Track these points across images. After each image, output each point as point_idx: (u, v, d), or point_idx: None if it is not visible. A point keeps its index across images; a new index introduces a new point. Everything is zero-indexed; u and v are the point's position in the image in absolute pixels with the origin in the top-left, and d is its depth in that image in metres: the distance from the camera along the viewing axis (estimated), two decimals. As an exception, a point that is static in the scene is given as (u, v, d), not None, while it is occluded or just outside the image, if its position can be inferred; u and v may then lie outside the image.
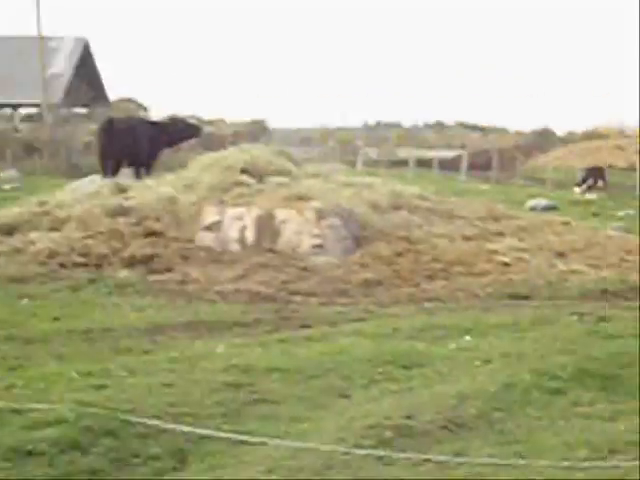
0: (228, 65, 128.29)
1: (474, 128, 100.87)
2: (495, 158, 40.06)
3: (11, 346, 9.25)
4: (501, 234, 15.15)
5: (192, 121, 22.94)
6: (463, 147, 62.33)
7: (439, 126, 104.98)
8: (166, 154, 23.05)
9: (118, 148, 19.33)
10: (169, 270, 13.15)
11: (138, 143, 19.58)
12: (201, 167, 16.81)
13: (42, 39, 51.55)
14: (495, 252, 14.03)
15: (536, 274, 13.09)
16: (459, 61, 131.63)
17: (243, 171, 16.22)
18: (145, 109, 50.68)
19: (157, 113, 39.99)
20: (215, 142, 45.04)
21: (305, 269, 13.33)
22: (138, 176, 18.91)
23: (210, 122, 68.18)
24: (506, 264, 13.57)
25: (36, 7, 50.42)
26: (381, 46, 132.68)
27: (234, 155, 17.07)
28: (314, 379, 8.01)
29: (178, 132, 20.82)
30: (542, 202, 23.75)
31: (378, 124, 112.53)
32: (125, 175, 19.18)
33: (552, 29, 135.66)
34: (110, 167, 19.07)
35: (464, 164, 40.76)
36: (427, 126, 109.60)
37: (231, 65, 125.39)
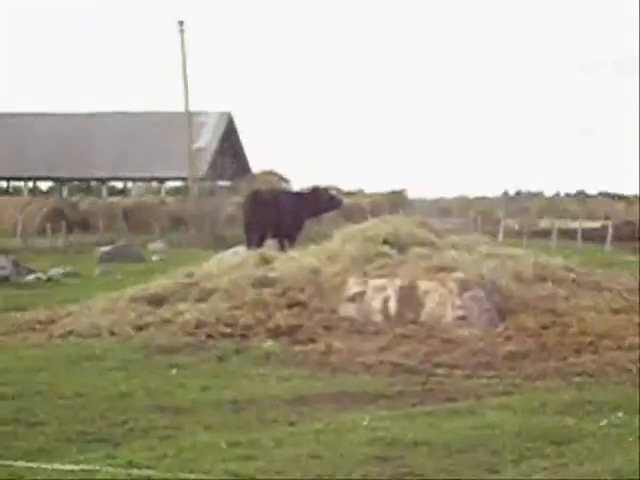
0: (366, 136, 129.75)
1: (618, 198, 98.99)
2: (641, 228, 38.99)
3: (161, 416, 9.45)
4: (651, 307, 14.71)
5: (333, 192, 23.07)
6: (607, 217, 61.07)
7: (581, 195, 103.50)
8: (308, 226, 23.42)
9: (263, 220, 19.73)
10: (313, 341, 13.23)
11: (282, 214, 19.94)
12: (343, 238, 16.94)
13: (190, 114, 53.18)
14: (646, 325, 13.60)
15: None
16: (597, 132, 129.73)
17: (385, 242, 16.27)
18: (287, 181, 51.59)
19: (298, 185, 40.67)
20: (355, 213, 45.48)
21: (448, 341, 13.20)
22: (282, 247, 19.20)
23: (350, 193, 68.97)
24: (657, 338, 13.13)
25: (183, 83, 52.13)
26: (520, 115, 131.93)
27: (376, 226, 17.15)
28: (462, 453, 7.91)
29: (321, 203, 21.09)
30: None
31: (519, 193, 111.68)
32: (269, 246, 19.51)
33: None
34: (255, 238, 19.46)
35: (609, 235, 39.80)
36: (569, 196, 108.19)
37: (369, 136, 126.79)
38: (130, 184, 66.06)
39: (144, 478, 6.98)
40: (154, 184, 67.64)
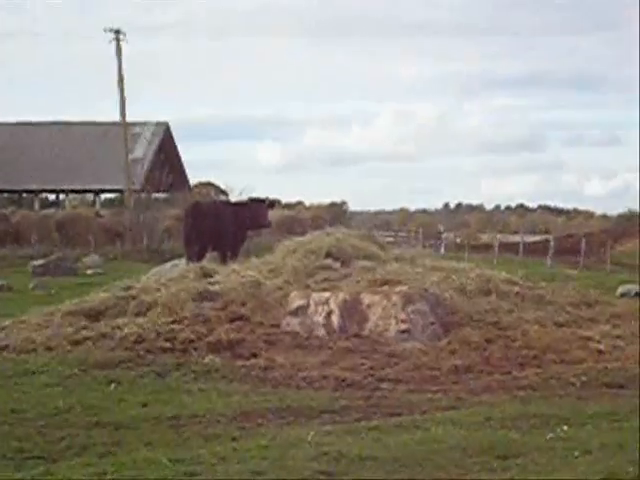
0: (303, 146, 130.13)
1: (558, 212, 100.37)
2: (582, 243, 39.62)
3: (100, 432, 9.37)
4: (594, 320, 14.94)
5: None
6: (547, 231, 61.89)
7: (521, 209, 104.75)
8: (248, 239, 23.37)
9: (204, 232, 19.65)
10: (255, 355, 13.19)
11: (224, 226, 19.86)
12: (285, 251, 16.98)
13: (126, 124, 52.80)
14: (589, 339, 13.81)
15: (632, 362, 12.83)
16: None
17: (328, 255, 16.35)
18: (225, 193, 51.43)
19: (237, 197, 40.58)
20: (296, 226, 45.54)
21: (392, 355, 13.25)
22: (224, 260, 19.14)
23: (289, 205, 69.03)
24: (601, 352, 13.34)
25: (119, 92, 51.75)
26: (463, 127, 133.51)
27: (318, 239, 17.22)
28: (408, 468, 7.95)
29: (261, 213, 20.97)
30: (634, 288, 23.30)
31: (459, 206, 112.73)
32: (209, 259, 19.45)
33: None
34: (195, 251, 19.37)
35: (551, 249, 40.36)
36: (509, 209, 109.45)
37: (306, 146, 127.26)
38: (63, 196, 65.25)
39: (84, 496, 6.90)
40: (88, 196, 66.94)
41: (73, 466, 8.02)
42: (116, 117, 54.69)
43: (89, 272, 32.78)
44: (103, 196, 65.08)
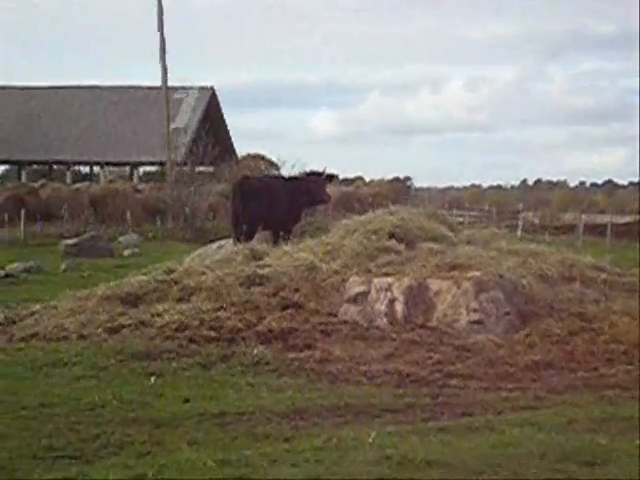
0: (362, 115, 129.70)
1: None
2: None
3: (139, 430, 9.44)
4: (693, 312, 14.74)
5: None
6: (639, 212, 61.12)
7: (610, 186, 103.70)
8: (303, 217, 23.38)
9: (253, 210, 19.71)
10: (309, 347, 13.22)
11: (276, 204, 19.89)
12: (344, 231, 16.99)
13: (167, 90, 52.95)
14: (687, 333, 13.63)
15: None
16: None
17: (391, 236, 16.32)
18: (277, 167, 51.53)
19: (289, 171, 40.62)
20: (355, 204, 45.51)
21: (463, 348, 13.20)
22: (275, 241, 19.19)
23: (347, 181, 69.01)
24: (700, 347, 13.16)
25: (160, 55, 51.97)
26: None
27: (380, 218, 17.20)
28: (480, 475, 7.91)
29: (320, 188, 20.91)
30: None
31: (538, 183, 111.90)
32: (259, 240, 19.51)
33: None
34: (244, 231, 19.43)
35: (643, 231, 39.90)
36: (595, 186, 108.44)
37: (366, 115, 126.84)
38: (98, 169, 65.87)
39: (121, 500, 6.97)
40: (125, 169, 67.49)
41: (109, 467, 8.09)
42: (156, 82, 54.91)
43: (126, 253, 33.07)
44: (142, 169, 65.65)
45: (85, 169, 69.05)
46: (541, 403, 10.84)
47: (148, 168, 66.62)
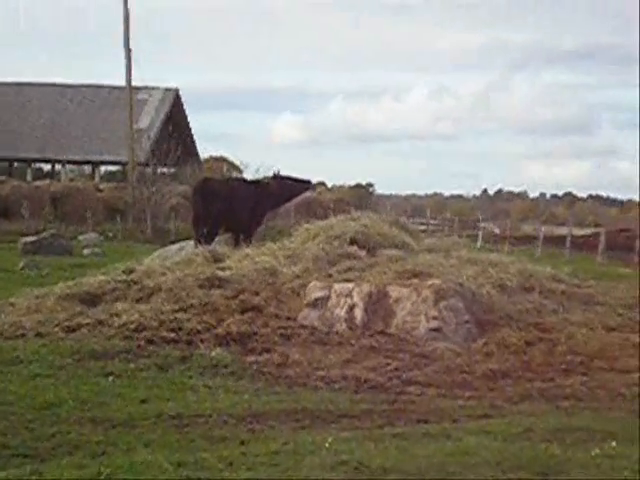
0: (326, 121, 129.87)
1: (610, 202, 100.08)
2: (638, 238, 39.39)
3: (94, 429, 9.40)
4: (650, 325, 14.87)
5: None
6: (598, 224, 61.63)
7: (570, 198, 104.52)
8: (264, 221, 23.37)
9: (215, 212, 19.68)
10: (268, 351, 13.21)
11: (238, 206, 19.87)
12: (305, 236, 17.03)
13: (131, 90, 52.74)
14: (643, 346, 13.75)
15: None
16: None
17: (353, 242, 16.37)
18: (239, 170, 51.47)
19: (253, 175, 40.59)
20: (316, 209, 45.53)
21: (421, 356, 13.24)
22: (236, 244, 19.17)
23: (309, 186, 68.91)
24: (656, 360, 13.27)
25: (125, 54, 51.76)
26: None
27: (342, 224, 17.25)
28: (436, 482, 7.93)
29: (284, 191, 20.97)
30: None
31: (499, 193, 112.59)
32: (220, 242, 19.49)
33: None
34: (205, 233, 19.40)
35: (602, 244, 40.19)
36: (555, 198, 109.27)
37: (329, 120, 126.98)
38: (59, 167, 65.44)
39: (75, 500, 6.93)
40: (87, 168, 67.14)
41: (63, 466, 8.04)
42: (121, 81, 54.68)
43: (86, 252, 32.88)
44: (103, 168, 65.30)
45: (46, 167, 68.60)
46: (497, 412, 10.86)
47: (110, 168, 66.34)
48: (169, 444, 8.97)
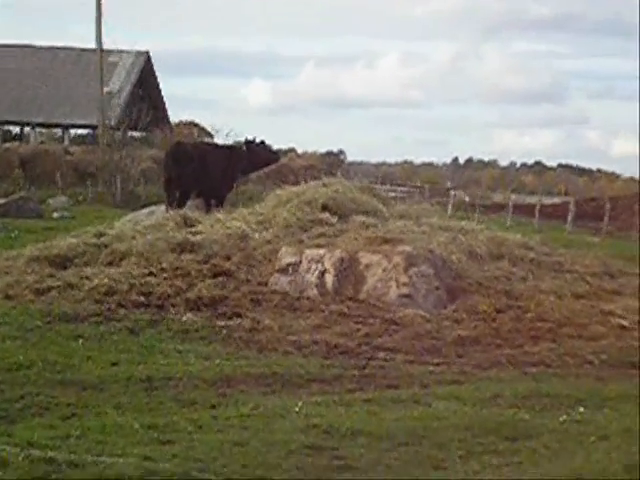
0: (297, 87, 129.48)
1: (580, 172, 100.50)
2: (606, 207, 39.62)
3: (64, 392, 9.40)
4: (617, 293, 14.98)
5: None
6: (567, 193, 61.92)
7: (539, 167, 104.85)
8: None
9: (187, 176, 19.59)
10: (238, 315, 13.21)
11: (210, 171, 19.80)
12: (277, 202, 16.99)
13: (102, 52, 52.30)
14: (611, 313, 13.84)
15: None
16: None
17: (324, 208, 16.35)
18: (210, 135, 51.23)
19: (223, 140, 40.44)
20: (287, 175, 45.43)
21: (391, 322, 13.28)
22: (208, 209, 19.12)
23: (280, 152, 68.77)
24: (624, 328, 13.37)
25: (96, 17, 51.30)
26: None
27: (314, 190, 17.22)
28: (405, 447, 7.98)
29: (256, 158, 20.96)
30: (661, 259, 23.36)
31: (469, 162, 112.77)
32: (191, 207, 19.43)
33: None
34: (176, 197, 19.33)
35: (571, 213, 40.38)
36: (525, 167, 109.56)
37: (300, 87, 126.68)
38: (28, 129, 64.88)
39: (45, 460, 6.92)
40: (56, 131, 66.62)
41: (33, 427, 8.04)
42: (91, 44, 54.18)
43: (55, 215, 32.68)
44: (73, 132, 64.75)
45: (15, 129, 68.02)
46: (466, 378, 10.94)
47: (80, 131, 65.83)
48: (139, 407, 8.99)
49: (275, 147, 22.35)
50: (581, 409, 9.30)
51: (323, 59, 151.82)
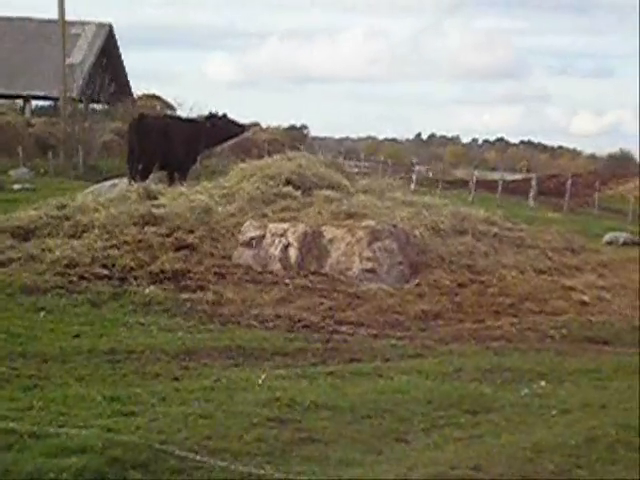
0: (259, 61, 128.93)
1: (541, 149, 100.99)
2: (568, 184, 39.87)
3: (26, 363, 9.35)
4: (578, 269, 15.12)
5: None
6: (529, 170, 62.22)
7: (501, 144, 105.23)
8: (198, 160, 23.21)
9: (150, 148, 19.49)
10: (202, 289, 13.19)
11: (173, 143, 19.72)
12: (241, 175, 16.95)
13: (64, 24, 51.82)
14: (572, 289, 13.97)
15: (619, 316, 13.00)
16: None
17: (288, 182, 16.34)
18: (173, 108, 50.96)
19: (187, 114, 40.21)
20: (251, 149, 45.31)
21: (354, 296, 13.32)
22: (171, 181, 19.05)
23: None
24: (584, 303, 13.50)
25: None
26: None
27: (277, 164, 17.20)
28: (367, 419, 8.00)
29: (220, 132, 20.91)
30: (622, 236, 23.57)
31: (432, 138, 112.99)
32: (154, 180, 19.35)
33: None
34: (139, 170, 19.23)
35: (533, 189, 40.59)
36: (487, 143, 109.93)
37: (262, 60, 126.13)
38: (-11, 101, 64.25)
39: (7, 431, 6.88)
40: (17, 102, 66.02)
41: (-5, 399, 8.00)
42: (53, 15, 53.68)
43: (16, 187, 32.37)
44: (34, 103, 64.21)
45: (-25, 101, 67.33)
46: (429, 352, 11.00)
47: (41, 103, 65.26)
48: (102, 379, 8.96)
49: (239, 121, 22.20)
50: (542, 383, 9.38)
51: (286, 33, 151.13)
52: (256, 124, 71.35)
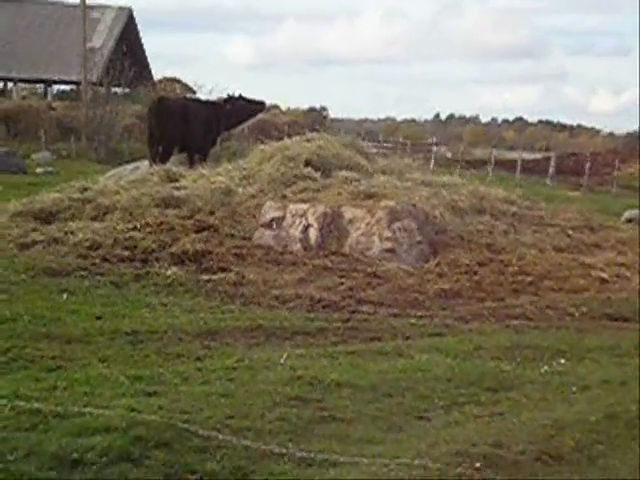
0: (278, 43, 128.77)
1: (560, 128, 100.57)
2: (587, 163, 39.70)
3: (50, 345, 9.36)
4: (598, 247, 15.05)
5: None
6: (548, 149, 61.99)
7: (520, 123, 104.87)
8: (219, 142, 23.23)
9: (170, 131, 19.50)
10: (223, 270, 13.21)
11: (193, 126, 19.72)
12: (261, 157, 16.95)
13: (85, 8, 51.89)
14: (591, 266, 13.91)
15: (638, 293, 12.94)
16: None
17: (308, 163, 16.33)
18: (193, 91, 50.96)
19: (206, 96, 40.22)
20: (270, 131, 45.29)
21: (374, 275, 13.31)
22: (191, 163, 19.06)
23: (264, 109, 68.42)
24: (604, 281, 13.45)
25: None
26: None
27: (298, 145, 17.18)
28: (388, 398, 8.01)
29: (240, 112, 20.90)
30: (642, 214, 23.46)
31: (451, 118, 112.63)
32: (175, 162, 19.36)
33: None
34: (160, 152, 19.24)
35: (551, 168, 40.43)
36: (506, 123, 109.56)
37: (281, 43, 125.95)
38: (11, 85, 64.38)
39: (32, 411, 6.91)
40: (39, 87, 66.14)
41: (19, 379, 8.01)
42: (74, -1, 53.78)
43: (39, 170, 32.51)
44: (56, 87, 64.37)
45: (-2, 85, 67.48)
46: (449, 330, 10.98)
47: (62, 87, 65.41)
48: (125, 359, 8.97)
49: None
50: (562, 360, 9.36)
51: (303, 15, 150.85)
52: (276, 106, 71.44)
